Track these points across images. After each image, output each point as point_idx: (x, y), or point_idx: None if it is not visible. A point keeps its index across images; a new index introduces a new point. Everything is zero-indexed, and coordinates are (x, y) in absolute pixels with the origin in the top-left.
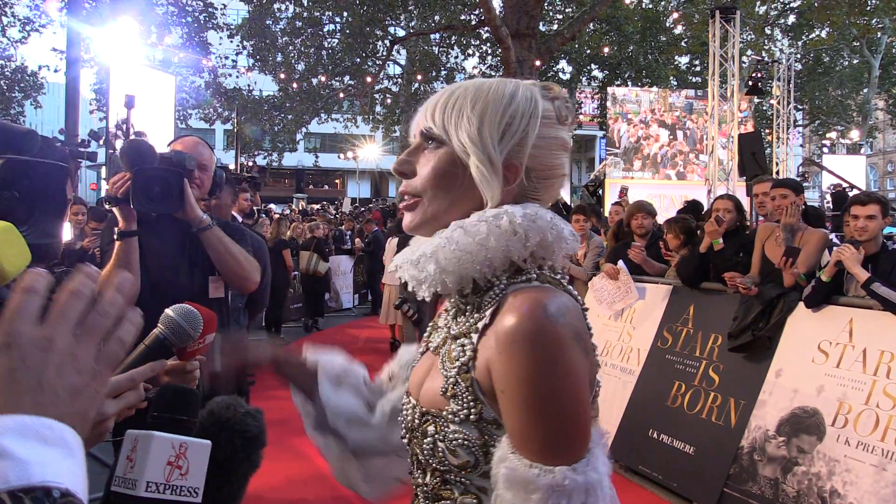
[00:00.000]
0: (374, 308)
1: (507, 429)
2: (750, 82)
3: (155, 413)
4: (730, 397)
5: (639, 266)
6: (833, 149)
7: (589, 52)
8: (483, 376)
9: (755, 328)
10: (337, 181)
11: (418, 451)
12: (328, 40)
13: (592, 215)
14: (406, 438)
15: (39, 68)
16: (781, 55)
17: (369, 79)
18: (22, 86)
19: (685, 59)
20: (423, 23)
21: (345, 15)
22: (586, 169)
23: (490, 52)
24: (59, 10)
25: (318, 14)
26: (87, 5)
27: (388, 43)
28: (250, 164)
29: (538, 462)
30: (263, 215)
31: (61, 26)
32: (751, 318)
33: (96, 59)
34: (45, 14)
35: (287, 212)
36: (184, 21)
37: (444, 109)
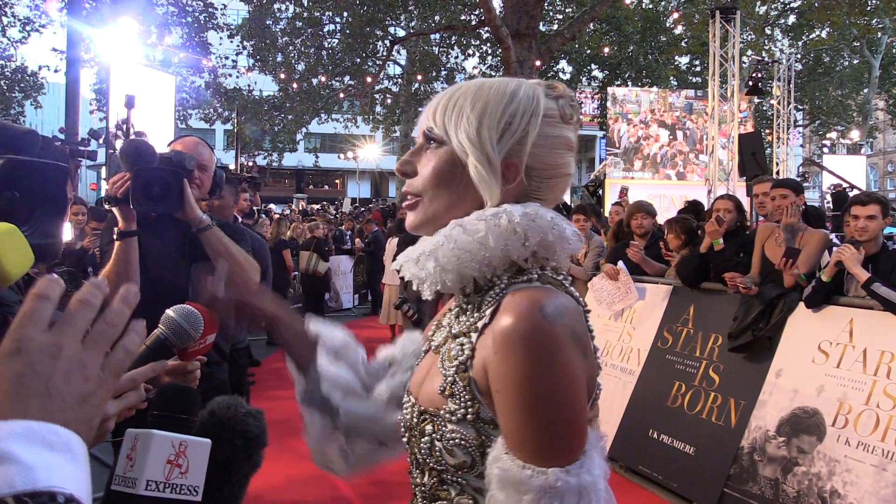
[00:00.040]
0: (374, 308)
1: (501, 429)
2: (750, 82)
3: (155, 412)
4: (730, 397)
5: (639, 266)
6: (833, 149)
7: (589, 52)
8: (480, 375)
9: (755, 328)
10: (337, 181)
11: (416, 451)
12: (328, 40)
13: (592, 215)
14: (405, 437)
15: (39, 68)
16: (781, 55)
17: (369, 79)
18: (22, 86)
19: (685, 60)
20: (423, 23)
21: (345, 15)
22: (586, 169)
23: (490, 52)
24: (59, 10)
25: (318, 14)
26: (87, 5)
27: (388, 43)
28: (250, 164)
29: (532, 463)
30: (263, 215)
31: (61, 26)
32: (751, 319)
33: (96, 59)
34: (45, 14)
35: (287, 212)
36: (184, 21)
37: (444, 110)
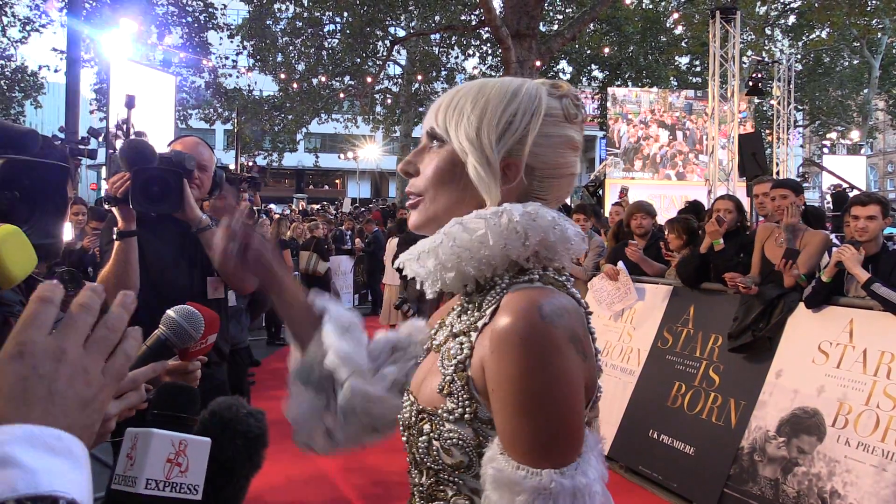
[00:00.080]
0: (374, 308)
1: (497, 429)
2: (750, 83)
3: (155, 411)
4: (730, 398)
5: (638, 266)
6: (833, 149)
7: (589, 52)
8: (478, 374)
9: (755, 328)
10: (337, 181)
11: (414, 450)
12: (328, 40)
13: (592, 215)
14: (404, 437)
15: (39, 68)
16: (782, 55)
17: (369, 79)
18: (22, 86)
19: (685, 60)
20: (423, 23)
21: (345, 15)
22: (586, 169)
23: (490, 52)
24: (59, 10)
25: (318, 14)
26: (87, 5)
27: (388, 43)
28: (250, 165)
29: (526, 464)
30: (263, 215)
31: (61, 26)
32: (751, 319)
33: (96, 59)
34: (45, 14)
35: (287, 212)
36: (184, 21)
37: (446, 110)
